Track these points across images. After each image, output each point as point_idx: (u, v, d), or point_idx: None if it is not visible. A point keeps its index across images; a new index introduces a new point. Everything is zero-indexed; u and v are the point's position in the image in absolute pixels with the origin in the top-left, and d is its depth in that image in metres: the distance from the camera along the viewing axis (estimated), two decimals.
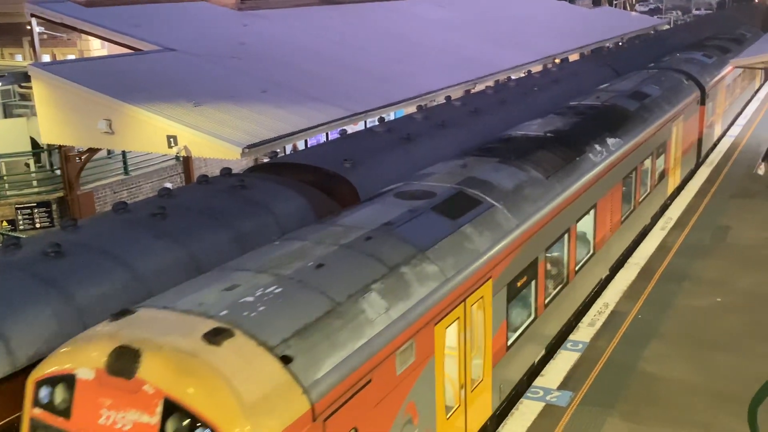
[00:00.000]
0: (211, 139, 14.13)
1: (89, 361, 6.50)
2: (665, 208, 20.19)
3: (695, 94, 22.57)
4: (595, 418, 10.79)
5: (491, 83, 23.35)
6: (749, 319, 13.81)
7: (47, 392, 6.62)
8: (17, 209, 19.58)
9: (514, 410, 10.94)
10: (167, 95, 15.53)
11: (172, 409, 6.10)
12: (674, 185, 21.38)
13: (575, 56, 32.03)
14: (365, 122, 21.11)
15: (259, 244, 9.07)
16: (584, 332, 13.36)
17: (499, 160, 12.40)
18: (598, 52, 32.30)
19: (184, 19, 22.40)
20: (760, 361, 11.96)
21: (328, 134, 20.68)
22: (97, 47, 34.16)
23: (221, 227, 9.94)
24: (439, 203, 10.26)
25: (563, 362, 12.33)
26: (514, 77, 25.37)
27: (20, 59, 38.29)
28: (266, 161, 15.57)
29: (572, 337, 13.21)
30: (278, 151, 15.75)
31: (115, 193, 20.58)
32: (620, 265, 16.31)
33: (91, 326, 7.00)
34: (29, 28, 21.21)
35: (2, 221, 19.67)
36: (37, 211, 19.57)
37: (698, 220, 19.46)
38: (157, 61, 18.25)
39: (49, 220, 19.54)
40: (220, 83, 17.32)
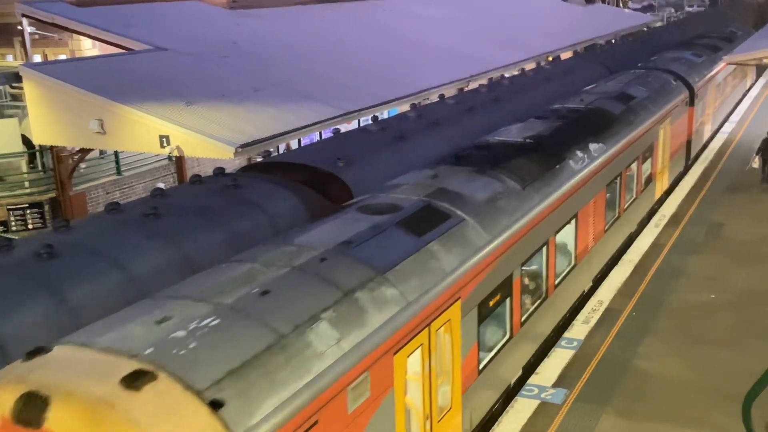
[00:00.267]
0: (203, 138, 14.10)
1: None
2: (653, 213, 19.66)
3: (683, 94, 22.08)
4: (589, 415, 10.80)
5: (485, 81, 23.36)
6: (743, 315, 13.83)
7: None
8: (9, 210, 19.49)
9: (509, 408, 10.94)
10: (159, 95, 15.49)
11: None
12: (662, 189, 20.86)
13: (569, 54, 32.04)
14: (359, 121, 21.08)
15: (252, 243, 9.03)
16: (579, 329, 13.37)
17: (473, 169, 11.76)
18: (591, 49, 32.35)
19: (176, 18, 22.34)
20: (753, 357, 11.98)
21: (321, 133, 20.64)
22: (88, 47, 34.06)
23: (214, 227, 9.90)
24: (404, 218, 9.57)
25: (558, 360, 12.33)
26: (507, 75, 25.38)
27: (11, 60, 38.17)
28: (259, 161, 15.52)
29: (567, 334, 13.21)
30: (271, 150, 15.69)
31: (107, 193, 20.50)
32: (603, 276, 15.67)
33: (84, 327, 6.96)
34: (20, 28, 21.15)
35: None
36: (29, 212, 19.48)
37: (692, 216, 19.50)
38: (149, 60, 18.19)
39: (41, 221, 19.45)
40: (212, 82, 17.28)
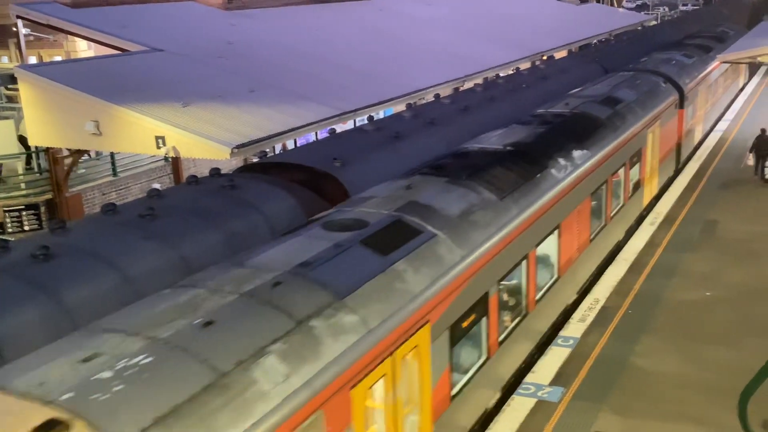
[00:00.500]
0: (199, 139, 14.10)
1: None
2: (641, 219, 19.11)
3: (673, 97, 21.61)
4: (587, 413, 10.82)
5: (480, 80, 23.39)
6: (738, 312, 13.88)
7: None
8: (5, 212, 19.46)
9: (505, 407, 10.96)
10: (155, 96, 15.48)
11: None
12: (651, 195, 20.31)
13: (563, 53, 32.10)
14: (354, 121, 21.10)
15: (249, 244, 9.04)
16: (575, 328, 13.40)
17: (448, 179, 11.17)
18: (586, 48, 32.41)
19: (171, 19, 22.32)
20: (749, 354, 12.02)
21: (317, 133, 20.65)
22: (83, 48, 34.04)
23: (211, 228, 9.91)
24: (370, 235, 8.93)
25: (554, 358, 12.35)
26: (502, 74, 25.42)
27: (6, 61, 38.15)
28: (256, 161, 15.53)
29: (563, 333, 13.24)
30: (267, 150, 15.71)
31: (103, 194, 20.48)
32: (589, 287, 15.15)
33: (78, 328, 6.95)
34: (15, 29, 21.14)
35: None
36: (25, 213, 19.45)
37: (687, 214, 19.55)
38: (144, 61, 18.18)
39: (37, 222, 19.42)
40: (208, 83, 17.28)
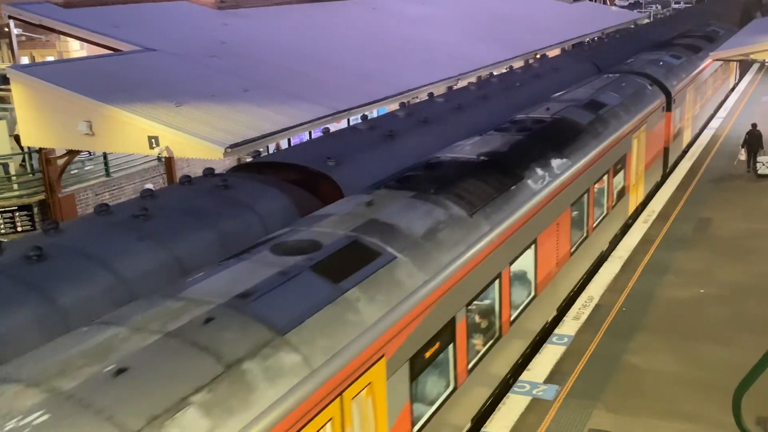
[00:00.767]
0: (193, 139, 14.07)
1: None
2: (627, 228, 18.50)
3: (660, 100, 20.95)
4: (581, 410, 10.85)
5: (474, 79, 23.42)
6: (732, 309, 13.94)
7: None
8: None
9: (500, 405, 10.98)
10: (148, 96, 15.44)
11: None
12: (637, 202, 19.65)
13: (557, 51, 32.15)
14: (348, 120, 21.09)
15: (243, 244, 9.01)
16: (569, 326, 13.43)
17: (414, 194, 10.41)
18: (579, 47, 32.47)
19: (163, 18, 22.27)
20: (743, 350, 12.06)
21: (311, 133, 20.64)
22: (76, 48, 33.90)
23: (205, 228, 9.89)
24: (322, 260, 8.13)
25: (549, 356, 12.38)
26: (496, 73, 25.44)
27: None
28: (249, 161, 15.51)
29: (558, 330, 13.27)
30: (261, 150, 15.68)
31: (96, 195, 20.43)
32: (571, 302, 14.52)
33: (73, 330, 6.93)
34: (7, 30, 21.05)
35: None
36: (18, 214, 19.39)
37: (680, 212, 19.61)
38: (137, 61, 18.13)
39: (30, 223, 19.36)
40: (201, 83, 17.24)
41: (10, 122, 21.05)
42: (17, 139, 20.41)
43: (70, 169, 19.28)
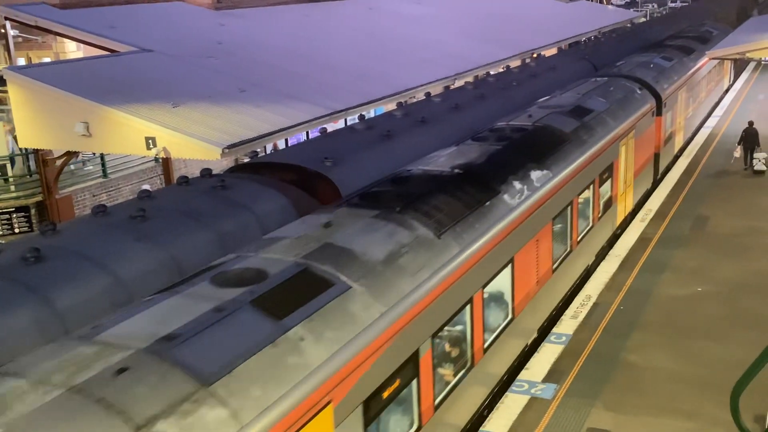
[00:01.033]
0: (190, 139, 14.07)
1: None
2: (615, 239, 17.72)
3: (649, 104, 20.21)
4: (580, 409, 10.86)
5: (470, 79, 23.44)
6: (729, 307, 13.96)
7: None
8: None
9: (499, 404, 10.99)
10: (145, 96, 15.44)
11: None
12: (626, 211, 18.84)
13: (553, 50, 32.20)
14: (345, 120, 21.09)
15: (240, 244, 9.00)
16: (567, 324, 13.45)
17: (377, 213, 9.61)
18: (575, 46, 32.52)
19: (160, 19, 22.26)
20: (741, 348, 12.09)
21: (308, 133, 20.64)
22: (72, 49, 33.86)
23: (202, 228, 9.89)
24: (264, 293, 7.31)
25: (547, 355, 12.39)
26: (492, 72, 25.47)
27: None
28: (247, 161, 15.50)
29: (556, 329, 13.29)
30: (258, 150, 15.68)
31: (94, 196, 20.40)
32: (553, 322, 13.82)
33: (71, 331, 6.92)
34: (3, 31, 21.02)
35: None
36: (15, 216, 19.37)
37: (678, 210, 19.64)
38: (133, 62, 18.13)
39: (28, 224, 19.34)
40: (198, 83, 17.25)
41: (6, 123, 21.03)
42: (15, 139, 20.41)
43: (68, 168, 19.25)
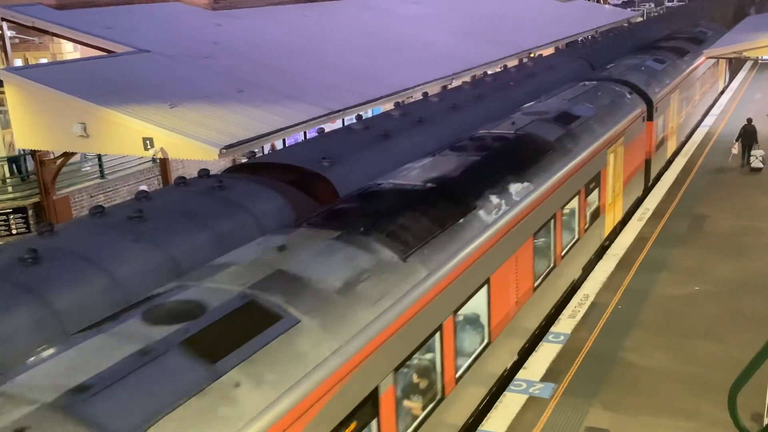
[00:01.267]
0: (187, 140, 14.07)
1: None
2: (604, 250, 16.96)
3: (640, 109, 19.41)
4: (578, 408, 10.87)
5: (468, 78, 23.45)
6: (727, 306, 13.98)
7: None
8: None
9: (497, 404, 10.99)
10: (142, 97, 15.44)
11: None
12: (614, 221, 18.03)
13: (550, 50, 32.22)
14: (343, 120, 21.09)
15: (238, 244, 8.99)
16: (565, 324, 13.45)
17: (339, 234, 8.81)
18: (573, 45, 32.55)
19: (157, 20, 22.26)
20: (738, 347, 12.10)
21: (306, 133, 20.64)
22: (69, 50, 33.79)
23: (200, 229, 9.88)
24: (198, 331, 6.46)
25: (545, 354, 12.39)
26: (490, 72, 25.48)
27: None
28: (244, 161, 15.50)
29: (554, 329, 13.29)
30: (256, 151, 15.68)
31: (91, 197, 20.38)
32: (536, 342, 13.04)
33: (69, 332, 6.91)
34: (0, 32, 20.98)
35: None
36: (12, 217, 19.35)
37: (675, 209, 19.66)
38: (131, 62, 18.12)
39: (25, 225, 19.31)
40: (195, 84, 17.24)
41: (3, 124, 21.00)
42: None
43: (67, 168, 19.23)
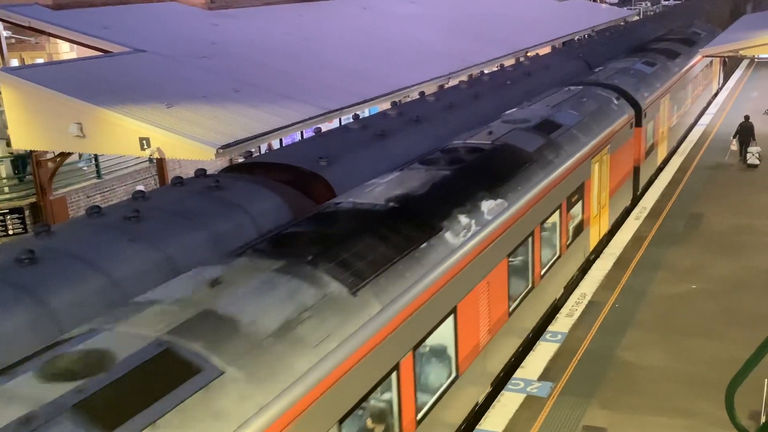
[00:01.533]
0: (184, 140, 14.04)
1: None
2: (588, 265, 16.15)
3: (628, 115, 18.62)
4: (575, 407, 10.88)
5: (465, 78, 23.46)
6: (724, 305, 14.00)
7: None
8: None
9: (495, 402, 11.00)
10: (139, 97, 15.40)
11: None
12: (600, 234, 17.17)
13: (547, 49, 32.24)
14: (340, 120, 21.09)
15: (235, 244, 8.99)
16: (563, 323, 13.47)
17: (282, 264, 7.83)
18: (569, 44, 32.58)
19: (153, 19, 22.22)
20: (735, 346, 12.13)
21: (302, 133, 20.63)
22: (66, 50, 33.74)
23: (197, 229, 9.87)
24: (97, 391, 5.54)
25: (543, 353, 12.41)
26: (486, 71, 25.50)
27: None
28: (241, 161, 15.49)
29: (551, 328, 13.31)
30: (253, 150, 15.66)
31: (88, 197, 20.35)
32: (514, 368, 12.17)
33: (66, 332, 6.90)
34: None
35: None
36: (9, 217, 19.31)
37: (672, 208, 19.69)
38: (127, 62, 18.08)
39: (22, 226, 19.28)
40: (192, 84, 17.21)
41: (0, 124, 20.97)
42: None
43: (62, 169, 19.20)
